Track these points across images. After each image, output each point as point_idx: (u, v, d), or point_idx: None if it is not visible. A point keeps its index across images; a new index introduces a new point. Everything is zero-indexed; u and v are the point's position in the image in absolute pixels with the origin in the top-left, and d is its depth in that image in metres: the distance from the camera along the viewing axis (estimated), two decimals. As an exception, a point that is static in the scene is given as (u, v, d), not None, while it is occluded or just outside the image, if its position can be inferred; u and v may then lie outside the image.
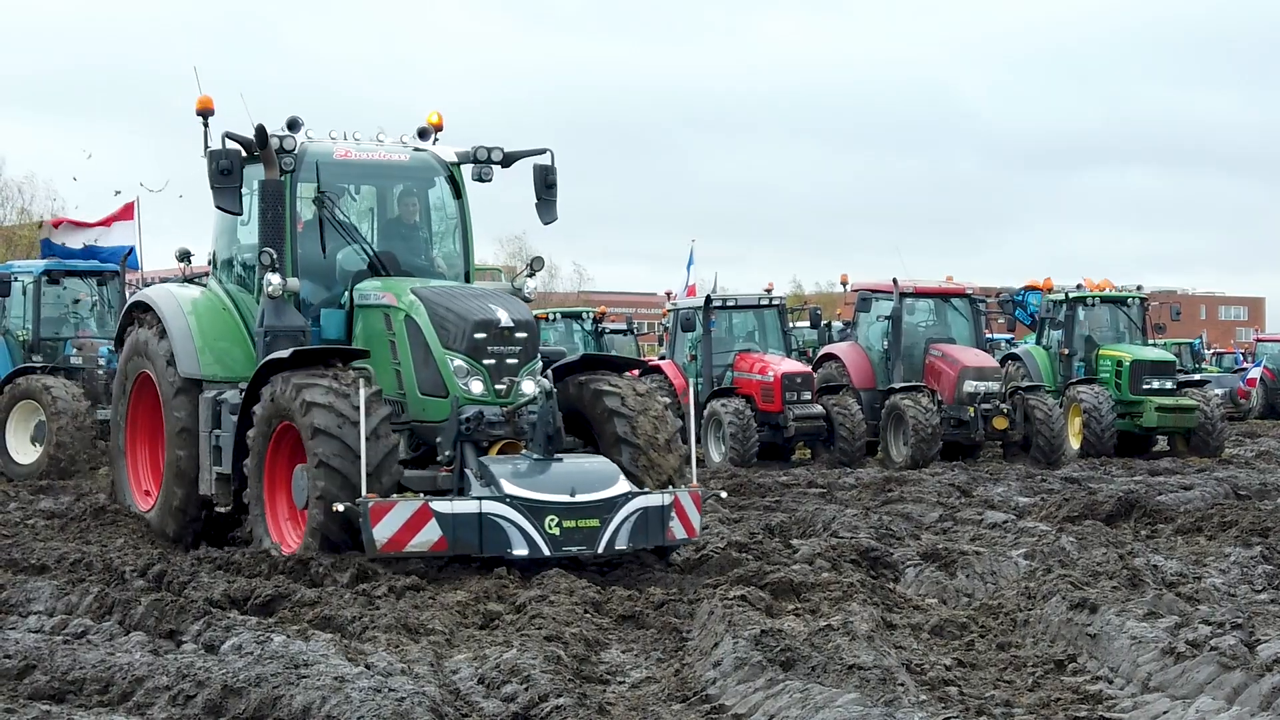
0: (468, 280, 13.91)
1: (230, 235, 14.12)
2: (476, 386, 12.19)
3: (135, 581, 11.46)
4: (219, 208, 13.19)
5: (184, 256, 15.02)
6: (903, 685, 7.78)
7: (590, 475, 11.79)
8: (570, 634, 9.37)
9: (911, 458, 25.00)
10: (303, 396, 11.66)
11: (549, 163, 13.91)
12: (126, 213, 23.84)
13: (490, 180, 13.91)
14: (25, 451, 22.23)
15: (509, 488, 11.44)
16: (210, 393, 13.43)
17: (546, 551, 11.36)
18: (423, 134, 14.07)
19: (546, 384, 12.05)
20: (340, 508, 11.21)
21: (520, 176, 14.05)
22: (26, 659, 8.53)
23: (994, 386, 26.05)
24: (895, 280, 26.90)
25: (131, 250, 23.55)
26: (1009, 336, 41.72)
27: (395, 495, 11.44)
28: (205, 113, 13.51)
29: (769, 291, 29.20)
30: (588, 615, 9.95)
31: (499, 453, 12.01)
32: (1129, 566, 11.33)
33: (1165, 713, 7.55)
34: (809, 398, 25.70)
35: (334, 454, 11.46)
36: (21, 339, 23.54)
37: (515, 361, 12.33)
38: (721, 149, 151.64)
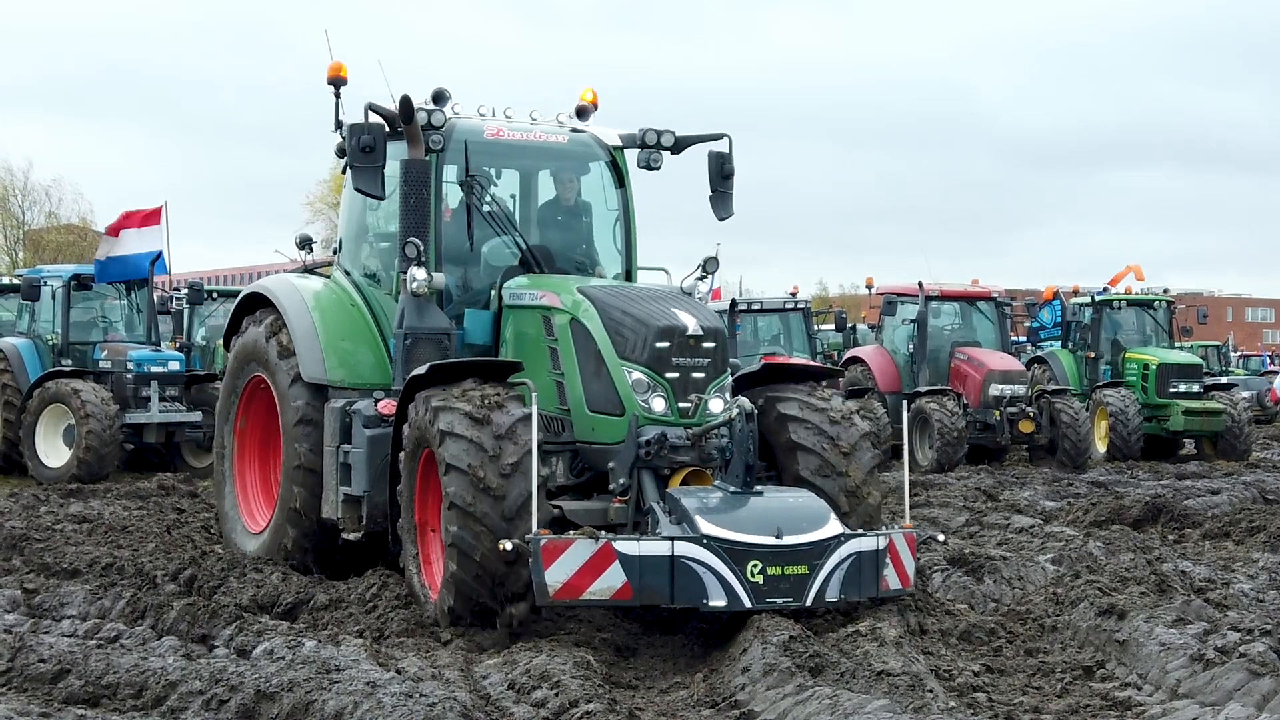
0: (629, 279, 12.23)
1: (359, 220, 12.61)
2: (658, 404, 10.38)
3: (167, 586, 11.54)
4: (358, 190, 11.54)
5: (305, 243, 13.48)
6: (931, 691, 7.81)
7: (797, 513, 9.92)
8: (600, 640, 9.41)
9: (937, 461, 24.98)
10: (439, 424, 9.95)
11: (726, 149, 12.26)
12: (154, 217, 23.90)
13: (659, 168, 12.34)
14: (54, 455, 22.37)
15: (705, 526, 9.53)
16: (338, 401, 11.72)
17: (748, 603, 9.43)
18: (580, 113, 12.46)
19: (747, 404, 10.19)
20: (508, 545, 9.40)
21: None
22: (60, 663, 8.60)
23: (1020, 390, 25.99)
24: (920, 283, 26.87)
25: (159, 255, 23.64)
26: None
27: (572, 532, 9.60)
28: (337, 81, 12.05)
29: (794, 295, 29.23)
30: (617, 621, 9.96)
31: (682, 482, 10.33)
32: (1157, 572, 11.32)
33: (1194, 719, 7.56)
34: (834, 401, 25.65)
35: (465, 493, 9.65)
36: (51, 343, 23.66)
37: (703, 376, 10.49)
38: (733, 149, 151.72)
